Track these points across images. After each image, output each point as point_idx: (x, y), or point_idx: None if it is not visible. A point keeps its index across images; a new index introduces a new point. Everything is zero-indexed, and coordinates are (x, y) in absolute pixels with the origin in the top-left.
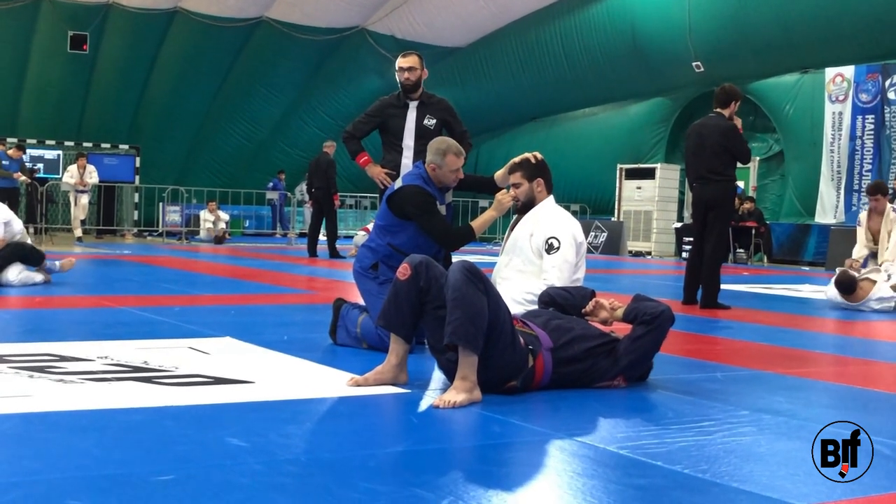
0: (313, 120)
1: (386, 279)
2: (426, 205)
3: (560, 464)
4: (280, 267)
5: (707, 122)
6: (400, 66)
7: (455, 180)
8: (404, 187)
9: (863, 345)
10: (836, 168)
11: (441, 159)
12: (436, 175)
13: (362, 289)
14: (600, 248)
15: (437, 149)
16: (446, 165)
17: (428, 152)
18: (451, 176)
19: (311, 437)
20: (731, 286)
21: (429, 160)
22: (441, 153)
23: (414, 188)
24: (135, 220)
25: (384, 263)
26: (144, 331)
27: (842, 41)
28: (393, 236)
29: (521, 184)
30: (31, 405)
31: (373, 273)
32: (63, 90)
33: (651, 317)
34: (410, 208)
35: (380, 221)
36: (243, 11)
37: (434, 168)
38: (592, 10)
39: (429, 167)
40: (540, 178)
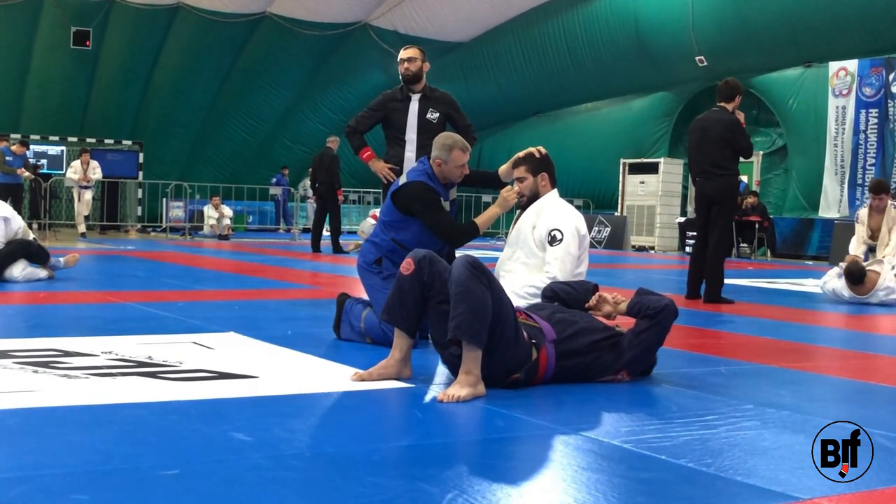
0: (316, 115)
1: (389, 274)
2: (431, 201)
3: (564, 458)
4: (284, 262)
5: (710, 117)
6: (400, 57)
7: (460, 176)
8: (409, 183)
9: (866, 339)
10: (839, 162)
11: (447, 154)
12: (441, 171)
13: (366, 283)
14: (603, 243)
15: (443, 144)
16: (452, 161)
17: (433, 147)
18: (457, 172)
19: (315, 432)
20: (735, 280)
21: (434, 155)
22: (447, 148)
23: (419, 184)
24: (138, 216)
25: (388, 259)
26: (149, 326)
27: (845, 35)
28: (397, 232)
29: (526, 178)
30: (36, 400)
31: (377, 268)
32: (66, 86)
33: (655, 311)
34: (415, 204)
35: (384, 217)
36: (246, 7)
37: (440, 163)
38: (595, 4)
39: (434, 162)
40: (544, 172)
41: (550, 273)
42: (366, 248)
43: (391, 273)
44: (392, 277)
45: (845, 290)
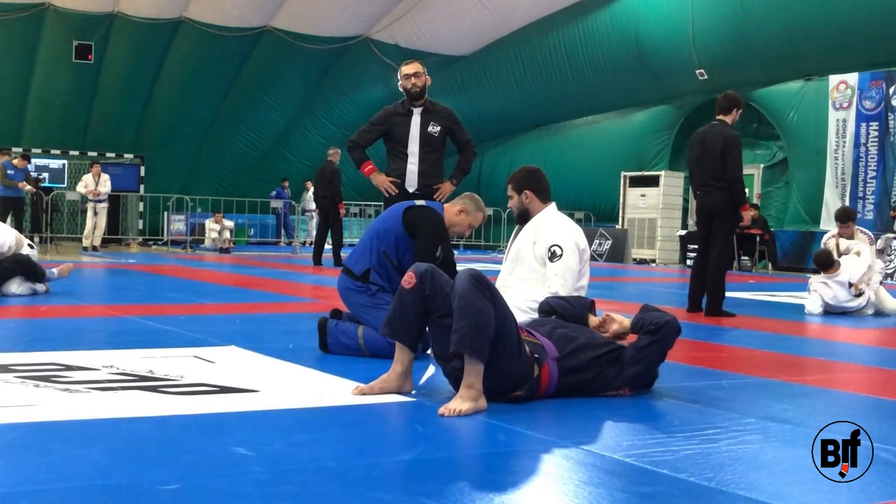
0: (317, 129)
1: (379, 288)
2: (438, 237)
3: (566, 472)
4: (285, 275)
5: (710, 131)
6: (405, 73)
7: (461, 234)
8: (431, 209)
9: (868, 352)
10: (840, 175)
11: (474, 210)
12: (458, 218)
13: (354, 304)
14: (604, 256)
15: (477, 201)
16: (473, 219)
17: (465, 196)
18: (465, 230)
19: (316, 446)
20: (736, 294)
21: (463, 203)
22: (477, 207)
23: (439, 216)
24: (139, 230)
25: (375, 271)
26: (150, 340)
27: (845, 48)
28: (388, 246)
29: (512, 196)
30: (36, 414)
31: (363, 286)
32: (68, 100)
33: (656, 326)
34: (425, 227)
35: (381, 226)
36: (247, 21)
37: (461, 211)
38: (596, 18)
39: (456, 207)
40: (527, 189)
41: (552, 289)
42: (351, 262)
43: (380, 287)
44: (382, 291)
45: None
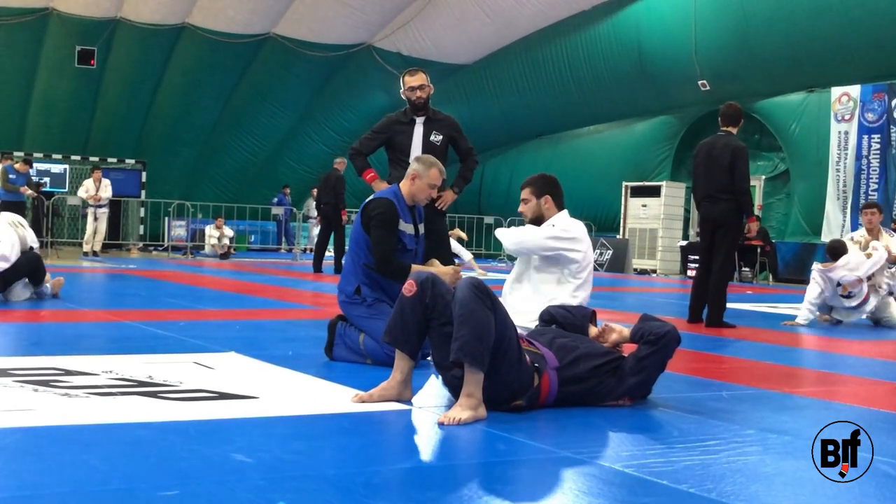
0: (319, 136)
1: (375, 299)
2: (386, 223)
3: (565, 482)
4: (285, 282)
5: (717, 142)
6: (410, 84)
7: (427, 198)
8: (375, 198)
9: (869, 364)
10: (841, 187)
11: (425, 170)
12: (413, 186)
13: (353, 315)
14: (605, 266)
15: (426, 160)
16: (427, 177)
17: (413, 161)
18: (427, 192)
19: (315, 453)
20: (737, 305)
21: (413, 168)
22: (428, 165)
23: (384, 201)
24: (140, 235)
25: (365, 285)
26: (149, 345)
27: (848, 60)
28: (366, 256)
29: (530, 200)
30: (35, 419)
31: (358, 298)
32: (70, 105)
33: (656, 336)
34: (372, 219)
35: (353, 237)
36: (250, 27)
37: (414, 177)
38: (598, 27)
39: (409, 175)
40: (548, 195)
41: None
42: (343, 281)
43: (376, 298)
44: (378, 302)
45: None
